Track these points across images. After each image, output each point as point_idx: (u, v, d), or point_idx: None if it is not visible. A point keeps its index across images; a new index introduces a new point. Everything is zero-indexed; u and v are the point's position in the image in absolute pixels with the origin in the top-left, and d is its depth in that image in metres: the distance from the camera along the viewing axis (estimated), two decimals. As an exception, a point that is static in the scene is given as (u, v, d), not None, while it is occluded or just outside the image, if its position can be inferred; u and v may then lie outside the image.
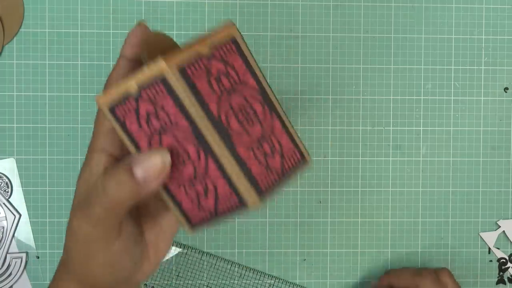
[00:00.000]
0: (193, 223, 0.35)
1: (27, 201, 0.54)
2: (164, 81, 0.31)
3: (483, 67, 0.56)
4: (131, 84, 0.32)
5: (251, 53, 0.35)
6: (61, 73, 0.54)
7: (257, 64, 0.35)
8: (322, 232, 0.55)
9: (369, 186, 0.55)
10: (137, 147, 0.33)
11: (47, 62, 0.54)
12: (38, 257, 0.54)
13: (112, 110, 0.33)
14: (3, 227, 0.54)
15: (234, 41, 0.34)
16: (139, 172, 0.32)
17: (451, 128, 0.56)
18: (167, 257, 0.54)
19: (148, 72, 0.31)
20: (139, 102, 0.32)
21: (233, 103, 0.33)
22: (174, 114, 0.32)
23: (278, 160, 0.34)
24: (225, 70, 0.33)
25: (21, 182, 0.54)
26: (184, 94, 0.31)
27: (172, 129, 0.32)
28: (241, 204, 0.32)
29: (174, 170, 0.33)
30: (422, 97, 0.55)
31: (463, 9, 0.55)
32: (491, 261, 0.56)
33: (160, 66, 0.31)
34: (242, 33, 0.55)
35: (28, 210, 0.54)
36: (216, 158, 0.32)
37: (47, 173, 0.54)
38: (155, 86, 0.31)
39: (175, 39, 0.54)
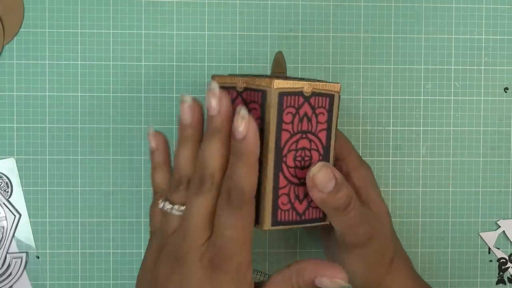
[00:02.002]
0: (277, 218, 0.43)
1: (27, 201, 0.54)
2: (332, 98, 0.42)
3: (483, 67, 0.56)
4: (309, 89, 0.41)
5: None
6: (61, 73, 0.54)
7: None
8: (322, 232, 0.55)
9: (369, 186, 0.55)
10: (278, 136, 0.41)
11: (47, 62, 0.54)
12: (38, 257, 0.54)
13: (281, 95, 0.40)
14: (3, 227, 0.54)
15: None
16: None
17: (451, 128, 0.56)
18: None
19: (328, 87, 0.42)
20: (305, 103, 0.42)
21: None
22: (324, 124, 0.42)
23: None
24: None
25: (21, 182, 0.54)
26: (335, 117, 0.42)
27: (313, 135, 0.42)
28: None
29: (290, 169, 0.42)
30: (422, 97, 0.55)
31: (463, 9, 0.55)
32: (491, 261, 0.56)
33: (338, 90, 0.43)
34: (241, 33, 0.55)
35: (28, 210, 0.54)
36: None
37: (47, 173, 0.54)
38: (325, 97, 0.42)
39: (175, 39, 0.54)
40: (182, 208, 0.40)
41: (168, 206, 0.40)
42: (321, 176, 0.41)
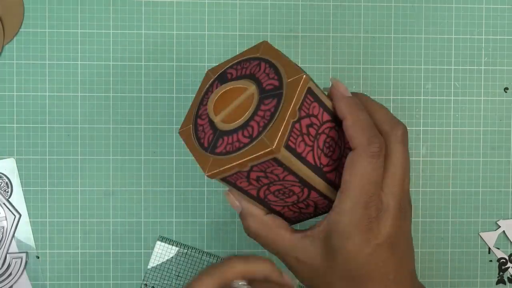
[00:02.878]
0: (293, 221, 0.46)
1: (27, 201, 0.54)
2: (275, 160, 0.38)
3: (483, 67, 0.56)
4: (244, 165, 0.38)
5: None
6: (61, 73, 0.54)
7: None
8: (322, 232, 0.55)
9: (369, 186, 0.55)
10: (247, 194, 0.42)
11: (47, 62, 0.54)
12: (38, 257, 0.54)
13: (224, 179, 0.41)
14: (3, 227, 0.54)
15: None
16: None
17: (451, 128, 0.56)
18: (167, 257, 0.55)
19: (261, 157, 0.38)
20: (250, 172, 0.39)
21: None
22: (283, 174, 0.39)
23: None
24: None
25: (21, 182, 0.54)
26: (295, 166, 0.39)
27: (281, 181, 0.40)
28: (329, 203, 0.43)
29: (281, 201, 0.43)
30: (422, 97, 0.55)
31: (463, 9, 0.55)
32: (491, 261, 0.56)
33: (273, 152, 0.37)
34: (241, 33, 0.55)
35: (28, 210, 0.54)
36: (316, 190, 0.42)
37: (47, 173, 0.54)
38: (266, 163, 0.38)
39: (175, 39, 0.54)
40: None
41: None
42: (227, 200, 0.44)
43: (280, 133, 0.37)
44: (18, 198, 0.54)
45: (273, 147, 0.37)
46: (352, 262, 0.40)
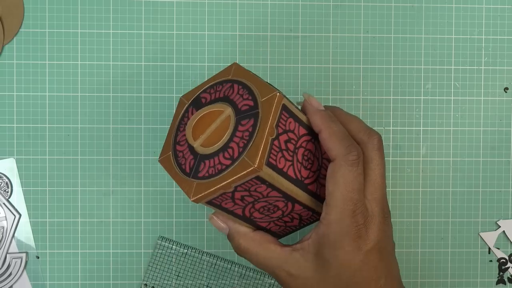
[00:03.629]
0: (280, 235, 0.47)
1: (27, 201, 0.54)
2: (258, 178, 0.39)
3: (483, 67, 0.56)
4: (228, 186, 0.39)
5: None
6: (61, 73, 0.54)
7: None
8: (322, 232, 0.55)
9: (369, 186, 0.55)
10: (233, 214, 0.43)
11: (47, 62, 0.54)
12: (38, 257, 0.54)
13: (209, 202, 0.41)
14: (3, 227, 0.54)
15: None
16: None
17: (451, 128, 0.56)
18: (167, 257, 0.55)
19: (245, 176, 0.38)
20: (235, 192, 0.40)
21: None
22: (267, 191, 0.40)
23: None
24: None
25: (21, 182, 0.54)
26: (277, 182, 0.40)
27: (265, 198, 0.41)
28: (315, 215, 0.45)
29: (266, 217, 0.43)
30: (422, 97, 0.55)
31: (463, 9, 0.55)
32: (491, 261, 0.56)
33: (255, 170, 0.38)
34: (241, 33, 0.55)
35: (28, 210, 0.54)
36: (299, 202, 0.43)
37: (47, 173, 0.54)
38: (250, 181, 0.39)
39: (175, 39, 0.54)
40: None
41: None
42: (213, 224, 0.46)
43: (260, 152, 0.38)
44: (18, 198, 0.54)
45: (255, 165, 0.38)
46: (345, 271, 0.41)
